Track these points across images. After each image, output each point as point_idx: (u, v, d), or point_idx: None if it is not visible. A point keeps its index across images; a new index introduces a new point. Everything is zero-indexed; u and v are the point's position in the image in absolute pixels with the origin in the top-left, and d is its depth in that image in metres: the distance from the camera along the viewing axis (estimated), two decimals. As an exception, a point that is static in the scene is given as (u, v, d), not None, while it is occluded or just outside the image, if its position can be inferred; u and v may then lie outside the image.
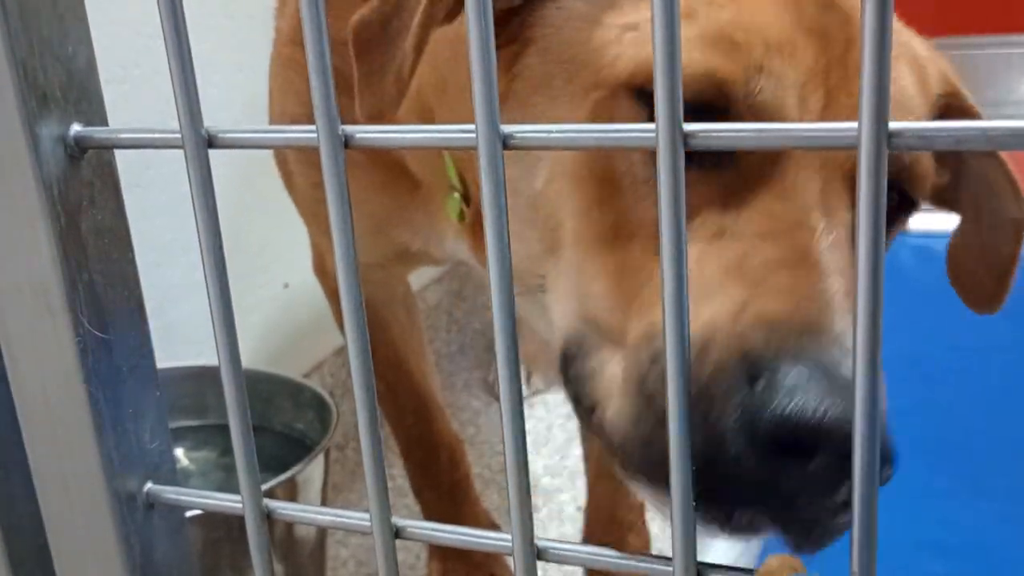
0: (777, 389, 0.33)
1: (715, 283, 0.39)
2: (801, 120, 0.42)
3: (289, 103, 0.71)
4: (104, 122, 0.30)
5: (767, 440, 0.33)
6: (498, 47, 0.49)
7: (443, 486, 0.95)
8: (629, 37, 0.44)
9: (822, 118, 0.42)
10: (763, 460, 0.33)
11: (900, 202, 0.48)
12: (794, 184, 0.41)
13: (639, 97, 0.43)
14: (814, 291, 0.37)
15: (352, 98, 0.68)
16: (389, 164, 0.67)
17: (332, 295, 0.87)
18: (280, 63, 0.72)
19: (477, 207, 0.58)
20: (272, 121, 0.80)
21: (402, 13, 0.44)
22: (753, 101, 0.41)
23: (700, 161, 0.42)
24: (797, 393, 0.33)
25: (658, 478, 0.38)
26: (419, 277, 0.96)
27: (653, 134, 0.23)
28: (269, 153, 1.11)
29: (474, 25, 0.23)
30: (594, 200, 0.45)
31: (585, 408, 0.46)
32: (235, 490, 0.30)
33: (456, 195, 0.59)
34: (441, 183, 0.62)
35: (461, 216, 0.60)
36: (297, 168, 0.75)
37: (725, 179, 0.43)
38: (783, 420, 0.32)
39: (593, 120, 0.45)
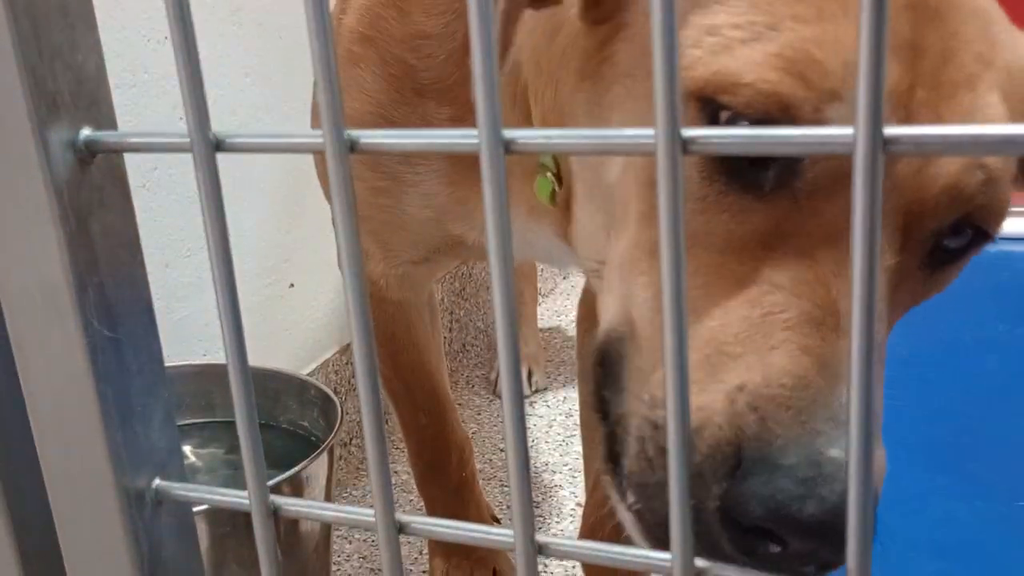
0: (755, 484, 0.35)
1: (729, 344, 0.39)
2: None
3: (356, 102, 0.70)
4: (113, 126, 0.31)
5: (741, 528, 0.35)
6: (593, 23, 0.49)
7: (450, 484, 0.96)
8: (709, 42, 0.41)
9: None
10: (738, 544, 0.35)
11: (975, 236, 0.45)
12: (842, 218, 0.39)
13: (703, 108, 0.41)
14: (827, 354, 0.37)
15: (421, 95, 0.69)
16: (459, 155, 0.68)
17: (371, 299, 0.88)
18: (347, 60, 0.71)
19: (570, 187, 0.57)
20: (313, 108, 0.80)
21: None
22: (820, 124, 0.39)
23: (754, 186, 0.41)
24: (776, 486, 0.35)
25: (649, 525, 0.40)
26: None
27: (652, 139, 0.23)
28: (276, 156, 1.12)
29: (475, 25, 0.24)
30: (654, 207, 0.44)
31: (608, 416, 0.46)
32: (241, 486, 0.31)
33: (549, 175, 0.59)
34: (529, 165, 0.61)
35: (552, 198, 0.59)
36: (357, 172, 0.75)
37: (776, 209, 0.41)
38: (758, 515, 0.35)
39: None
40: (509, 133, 0.25)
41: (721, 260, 0.41)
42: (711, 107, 0.41)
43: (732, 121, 0.40)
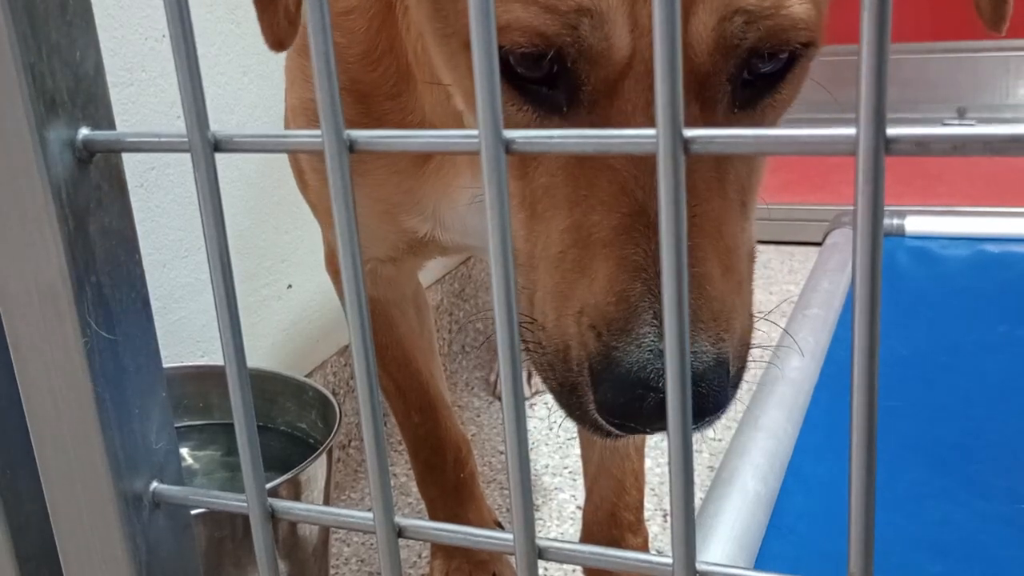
0: (606, 395, 0.44)
1: (569, 270, 0.45)
2: (633, 42, 0.42)
3: (303, 91, 0.72)
4: (112, 126, 0.31)
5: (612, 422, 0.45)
6: None
7: (448, 484, 0.96)
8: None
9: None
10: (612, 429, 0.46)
11: (789, 54, 0.45)
12: (632, 117, 0.43)
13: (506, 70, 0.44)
14: (640, 259, 0.43)
15: (351, 73, 0.69)
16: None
17: (343, 295, 0.88)
18: (297, 51, 0.72)
19: None
20: (288, 108, 0.80)
21: None
22: (581, 48, 0.42)
23: (551, 112, 0.45)
24: (618, 394, 0.44)
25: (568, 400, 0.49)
26: (421, 278, 0.96)
27: (654, 140, 0.23)
28: (273, 156, 1.12)
29: (476, 26, 0.24)
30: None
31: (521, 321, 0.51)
32: (239, 489, 0.31)
33: None
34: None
35: None
36: (310, 166, 0.75)
37: (574, 126, 0.44)
38: (616, 418, 0.45)
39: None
40: (509, 133, 0.25)
41: (550, 182, 0.46)
42: (510, 67, 0.45)
43: (505, 57, 0.44)
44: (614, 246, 0.43)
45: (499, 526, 1.08)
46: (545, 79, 0.44)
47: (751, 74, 0.46)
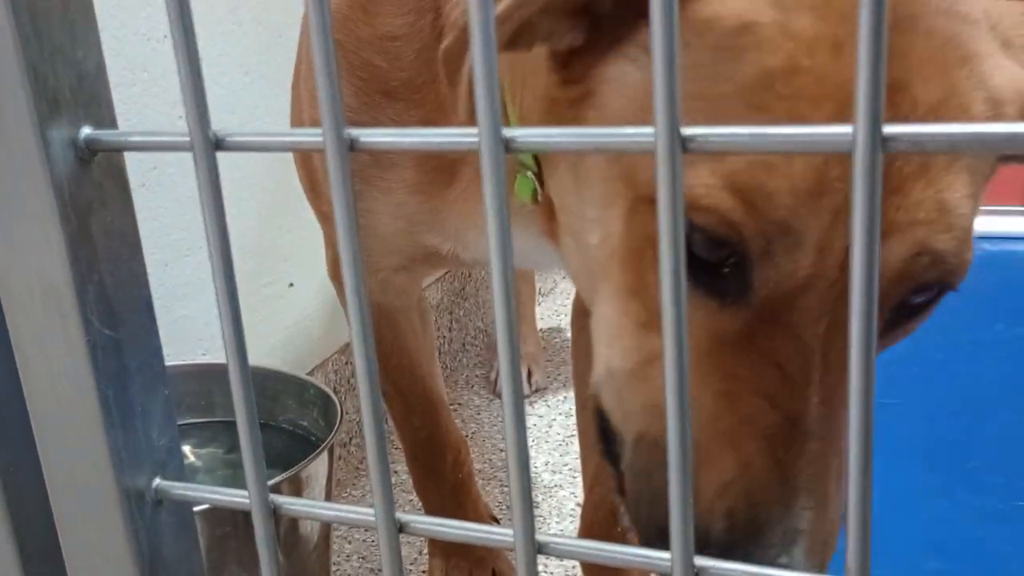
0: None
1: (715, 437, 0.45)
2: (819, 262, 0.42)
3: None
4: (114, 125, 0.31)
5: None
6: (563, 83, 0.49)
7: (446, 486, 0.96)
8: None
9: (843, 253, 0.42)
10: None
11: (939, 290, 0.47)
12: (802, 326, 0.43)
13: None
14: (790, 466, 0.44)
15: (390, 96, 0.69)
16: (429, 163, 0.68)
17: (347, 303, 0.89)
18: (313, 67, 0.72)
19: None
20: (297, 122, 0.79)
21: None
22: (769, 258, 0.42)
23: (716, 293, 0.45)
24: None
25: (647, 530, 0.48)
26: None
27: (652, 138, 0.23)
28: (275, 156, 1.12)
29: (476, 25, 0.24)
30: (637, 279, 0.47)
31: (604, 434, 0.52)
32: (241, 486, 0.31)
33: (529, 174, 0.59)
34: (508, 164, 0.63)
35: (534, 196, 0.60)
36: (325, 173, 0.75)
37: (741, 314, 0.44)
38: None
39: (627, 222, 0.46)
40: (509, 132, 0.25)
41: (697, 356, 0.46)
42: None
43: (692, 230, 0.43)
44: (776, 442, 0.44)
45: (496, 523, 1.09)
46: (718, 263, 0.44)
47: (900, 307, 0.47)
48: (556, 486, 1.24)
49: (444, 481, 0.95)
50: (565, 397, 1.49)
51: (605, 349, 0.50)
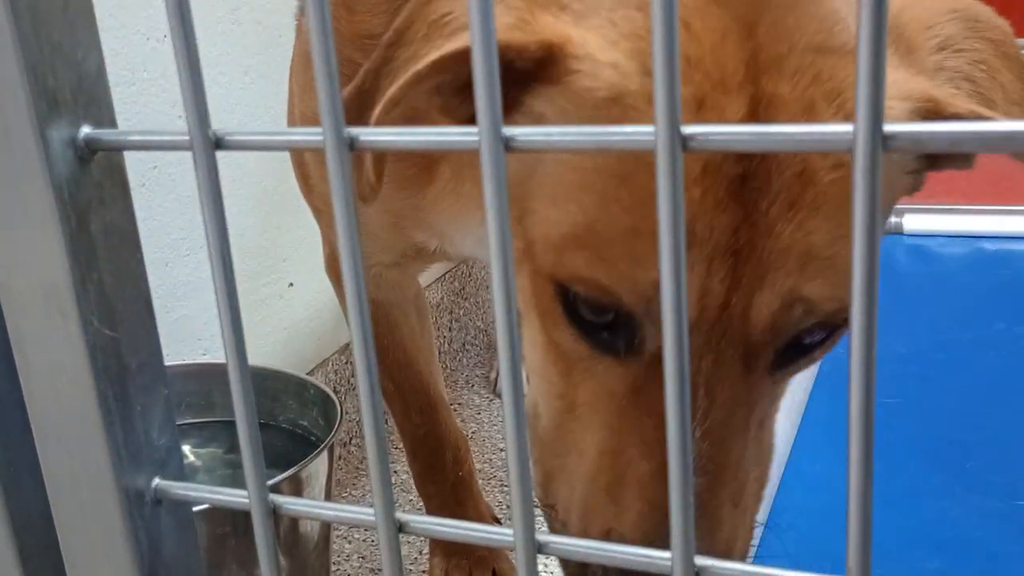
0: None
1: (602, 488, 0.48)
2: (701, 309, 0.44)
3: (314, 102, 0.71)
4: (113, 124, 0.31)
5: None
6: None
7: (447, 483, 0.96)
8: (553, 238, 0.45)
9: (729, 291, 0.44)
10: None
11: (829, 334, 0.48)
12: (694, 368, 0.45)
13: (557, 287, 0.46)
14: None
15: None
16: (410, 159, 0.68)
17: (344, 298, 0.89)
18: (305, 61, 0.72)
19: None
20: (292, 120, 0.79)
21: (375, 95, 0.46)
22: (650, 315, 0.44)
23: (611, 350, 0.47)
24: None
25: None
26: (421, 277, 0.96)
27: (652, 137, 0.23)
28: (275, 155, 1.12)
29: (476, 26, 0.24)
30: (545, 313, 0.49)
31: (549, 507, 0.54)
32: (241, 485, 0.31)
33: None
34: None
35: None
36: (317, 171, 0.75)
37: (633, 368, 0.47)
38: None
39: (532, 285, 0.49)
40: (509, 131, 0.25)
41: (589, 414, 0.49)
42: (563, 287, 0.47)
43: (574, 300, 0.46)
44: (648, 488, 0.46)
45: (497, 522, 1.09)
46: (606, 325, 0.46)
47: (794, 344, 0.48)
48: (556, 486, 1.24)
49: (444, 478, 0.95)
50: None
51: (534, 378, 0.53)
